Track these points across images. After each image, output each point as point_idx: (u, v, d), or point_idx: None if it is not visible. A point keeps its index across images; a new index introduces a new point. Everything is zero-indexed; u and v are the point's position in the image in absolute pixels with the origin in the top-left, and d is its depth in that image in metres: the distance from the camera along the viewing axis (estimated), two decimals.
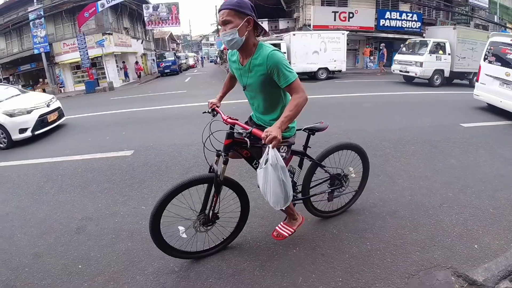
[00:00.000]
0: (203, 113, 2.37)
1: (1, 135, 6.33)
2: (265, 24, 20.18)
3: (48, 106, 7.09)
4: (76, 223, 2.98)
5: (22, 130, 6.34)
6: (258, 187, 1.89)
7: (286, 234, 2.32)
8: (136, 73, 23.25)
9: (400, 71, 13.00)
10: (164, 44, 40.31)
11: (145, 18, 22.80)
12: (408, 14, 20.45)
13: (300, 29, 18.78)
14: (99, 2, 17.42)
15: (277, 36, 18.19)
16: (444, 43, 12.27)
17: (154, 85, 19.05)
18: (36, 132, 6.53)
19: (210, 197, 2.12)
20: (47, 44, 18.99)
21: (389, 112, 7.02)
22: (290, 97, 1.84)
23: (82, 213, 3.16)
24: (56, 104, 7.48)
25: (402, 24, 20.15)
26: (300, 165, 2.42)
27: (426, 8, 21.63)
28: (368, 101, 8.35)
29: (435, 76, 12.20)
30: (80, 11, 18.05)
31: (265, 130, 1.65)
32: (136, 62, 24.24)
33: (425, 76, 12.11)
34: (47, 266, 2.45)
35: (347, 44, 15.78)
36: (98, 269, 2.32)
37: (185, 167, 4.10)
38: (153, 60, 31.37)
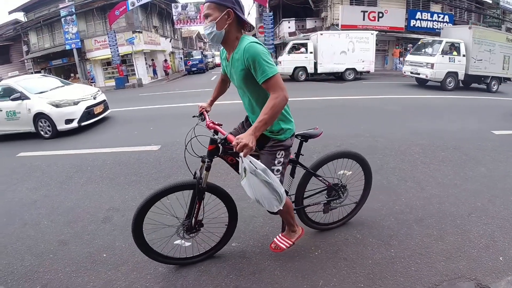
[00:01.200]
0: (192, 117, 2.32)
1: (46, 125, 6.54)
2: (292, 24, 20.19)
3: (94, 98, 7.28)
4: (103, 213, 3.08)
5: (68, 121, 6.54)
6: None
7: (284, 247, 2.18)
8: (164, 70, 23.81)
9: (411, 72, 12.32)
10: (191, 43, 41.01)
11: (174, 17, 23.23)
12: (439, 15, 19.78)
13: (327, 28, 18.53)
14: (129, 1, 17.91)
15: (304, 36, 18.05)
16: (459, 44, 11.39)
17: (181, 83, 19.39)
18: (82, 123, 6.72)
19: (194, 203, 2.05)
20: (78, 40, 19.82)
21: (415, 116, 6.78)
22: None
23: (109, 204, 3.27)
24: (101, 97, 7.65)
25: (433, 25, 19.49)
26: (292, 174, 2.32)
27: (458, 9, 20.79)
28: (392, 103, 8.16)
29: (448, 79, 11.38)
30: (111, 9, 18.67)
31: (237, 137, 1.54)
32: (165, 60, 24.81)
33: (436, 78, 11.36)
34: (72, 254, 2.55)
35: (376, 44, 15.39)
36: (122, 259, 2.39)
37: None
38: (181, 58, 32.00)
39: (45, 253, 2.54)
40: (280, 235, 2.27)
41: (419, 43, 12.92)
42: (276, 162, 1.88)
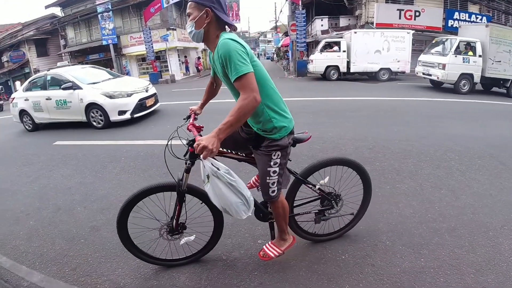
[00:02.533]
0: (183, 119, 2.26)
1: (98, 115, 6.72)
2: (325, 21, 19.84)
3: (146, 91, 7.41)
4: None
5: (121, 112, 6.68)
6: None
7: (272, 255, 2.09)
8: (196, 67, 24.29)
9: (423, 73, 11.56)
10: None
11: None
12: (477, 16, 18.76)
13: (362, 27, 18.05)
14: None
15: (337, 34, 17.71)
16: (475, 43, 10.45)
17: None
18: (135, 115, 6.88)
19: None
20: (115, 36, 20.66)
21: (446, 119, 6.44)
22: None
23: None
24: (152, 90, 7.76)
25: None
26: None
27: (496, 11, 19.57)
28: (427, 106, 7.83)
29: (462, 81, 10.44)
30: (146, 6, 19.24)
31: (198, 138, 1.53)
32: (198, 58, 25.34)
33: (448, 80, 10.53)
34: (103, 240, 2.68)
35: (412, 44, 14.81)
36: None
37: (236, 163, 4.13)
38: None
39: (77, 238, 2.68)
40: (270, 242, 2.18)
41: (433, 41, 12.12)
42: (272, 163, 1.81)
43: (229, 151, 1.96)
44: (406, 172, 3.50)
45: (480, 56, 10.41)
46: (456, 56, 10.38)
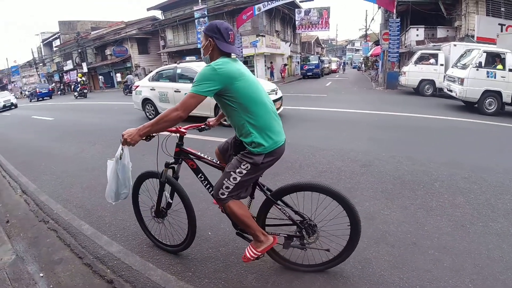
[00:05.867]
0: (198, 130, 2.46)
1: None
2: (420, 31, 18.32)
3: (276, 94, 7.23)
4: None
5: None
6: None
7: (249, 256, 2.02)
8: (281, 73, 24.74)
9: (447, 89, 9.75)
10: (309, 48, 41.41)
11: (296, 22, 23.87)
12: None
13: (461, 39, 16.06)
14: (256, 6, 19.18)
15: (433, 46, 16.15)
16: (505, 54, 8.36)
17: (296, 86, 19.72)
18: None
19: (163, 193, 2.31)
20: None
21: None
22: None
23: None
24: (279, 93, 7.52)
25: None
26: (251, 194, 2.10)
27: None
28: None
29: (487, 100, 8.47)
30: (239, 13, 20.28)
31: (127, 130, 1.83)
32: (285, 65, 25.75)
33: (468, 98, 8.71)
34: (180, 225, 2.75)
35: None
36: (224, 241, 2.54)
37: (318, 170, 4.06)
38: (297, 62, 32.69)
39: None
40: (250, 243, 2.09)
41: (463, 52, 10.03)
42: (237, 170, 1.85)
43: (208, 157, 2.19)
44: (502, 210, 2.96)
45: (511, 70, 8.31)
46: (478, 70, 8.48)
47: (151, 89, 8.12)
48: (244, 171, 1.84)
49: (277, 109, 7.06)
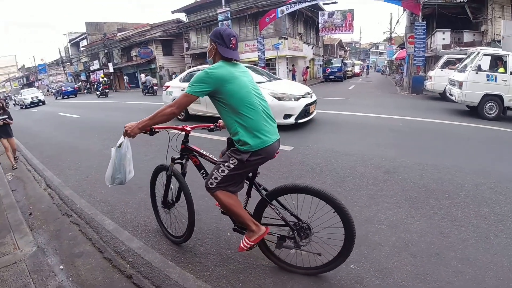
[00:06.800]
0: (208, 130, 2.56)
1: None
2: (447, 35, 17.74)
3: (311, 97, 6.98)
4: None
5: (287, 116, 6.34)
6: None
7: (243, 246, 2.09)
8: (302, 76, 24.61)
9: (449, 94, 9.32)
10: (332, 50, 40.99)
11: (320, 25, 23.67)
12: None
13: (488, 44, 15.39)
14: (279, 9, 19.14)
15: (460, 50, 15.59)
16: (506, 57, 7.88)
17: (318, 89, 19.43)
18: (299, 121, 6.48)
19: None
20: None
21: None
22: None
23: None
24: (314, 96, 7.26)
25: None
26: (248, 193, 2.19)
27: None
28: None
29: (487, 104, 8.04)
30: (262, 16, 20.28)
31: (129, 123, 2.06)
32: (307, 67, 25.60)
33: (467, 102, 8.36)
34: (202, 224, 2.84)
35: None
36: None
37: (340, 175, 3.96)
38: (320, 65, 32.38)
39: (179, 217, 2.68)
40: (244, 235, 2.15)
41: (466, 55, 9.50)
42: (225, 164, 1.97)
43: (209, 155, 2.31)
44: None
45: None
46: (477, 73, 8.10)
47: (181, 90, 8.07)
48: (232, 166, 1.95)
49: (311, 112, 6.94)
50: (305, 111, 6.59)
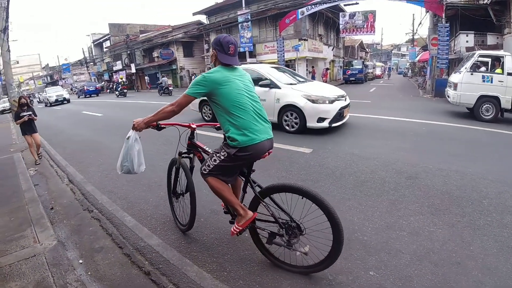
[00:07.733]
0: (215, 128, 2.59)
1: (293, 118, 6.25)
2: (470, 37, 17.11)
3: (345, 100, 6.71)
4: None
5: (320, 119, 6.06)
6: None
7: (233, 230, 2.22)
8: (322, 78, 24.37)
9: (447, 95, 9.29)
10: (353, 52, 40.37)
11: (340, 26, 23.38)
12: None
13: None
14: (299, 10, 19.03)
15: None
16: (503, 58, 7.66)
17: None
18: (333, 125, 6.18)
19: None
20: (251, 44, 22.45)
21: None
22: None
23: None
24: (348, 99, 6.96)
25: None
26: (244, 189, 2.30)
27: None
28: None
29: (483, 105, 7.86)
30: (282, 18, 20.14)
31: (137, 119, 2.35)
32: (327, 69, 25.31)
33: (462, 103, 8.29)
34: (219, 223, 2.87)
35: None
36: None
37: (360, 179, 3.88)
38: (340, 67, 31.99)
39: (198, 216, 2.76)
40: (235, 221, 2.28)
41: (466, 56, 9.23)
42: (217, 154, 2.13)
43: (211, 151, 2.38)
44: None
45: (510, 74, 7.58)
46: (472, 74, 8.02)
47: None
48: (222, 157, 2.10)
49: (345, 116, 6.67)
50: (339, 115, 6.31)
